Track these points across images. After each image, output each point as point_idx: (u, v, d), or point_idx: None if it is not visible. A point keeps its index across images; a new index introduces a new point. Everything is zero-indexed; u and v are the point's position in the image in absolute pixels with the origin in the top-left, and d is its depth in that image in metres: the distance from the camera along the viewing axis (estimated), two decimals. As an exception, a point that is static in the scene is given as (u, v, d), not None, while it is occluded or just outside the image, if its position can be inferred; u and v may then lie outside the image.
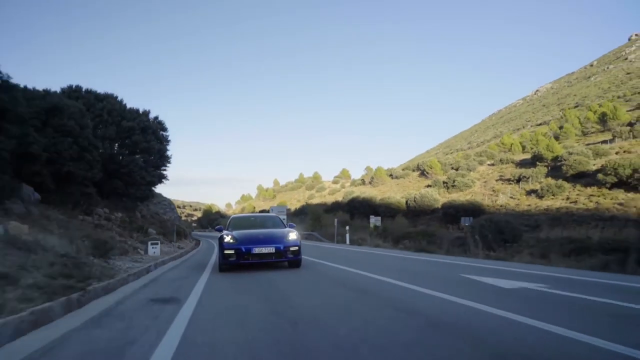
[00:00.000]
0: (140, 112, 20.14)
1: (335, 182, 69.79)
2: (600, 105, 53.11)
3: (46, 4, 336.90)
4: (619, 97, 71.25)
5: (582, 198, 27.23)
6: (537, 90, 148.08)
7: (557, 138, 47.89)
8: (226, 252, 7.66)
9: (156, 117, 21.41)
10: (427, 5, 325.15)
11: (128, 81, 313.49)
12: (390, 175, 53.99)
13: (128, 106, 19.78)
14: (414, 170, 52.02)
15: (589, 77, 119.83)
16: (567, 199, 28.08)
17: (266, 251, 7.62)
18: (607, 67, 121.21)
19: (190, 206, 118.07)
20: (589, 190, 28.00)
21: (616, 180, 26.26)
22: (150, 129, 19.76)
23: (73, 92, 17.94)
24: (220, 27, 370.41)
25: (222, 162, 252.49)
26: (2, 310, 2.94)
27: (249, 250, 7.59)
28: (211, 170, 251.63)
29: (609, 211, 23.44)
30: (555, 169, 33.30)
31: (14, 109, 8.84)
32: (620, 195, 25.38)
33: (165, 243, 16.55)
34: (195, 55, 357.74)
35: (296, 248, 7.92)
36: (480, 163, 44.54)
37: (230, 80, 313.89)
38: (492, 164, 43.59)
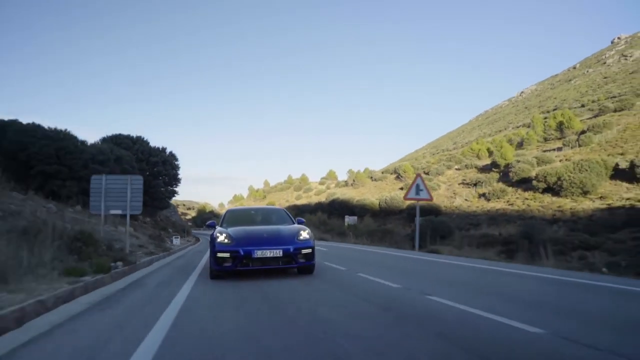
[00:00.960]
0: (161, 149, 28.45)
1: (321, 183, 75.78)
2: (562, 115, 59.23)
3: (46, 3, 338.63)
4: (593, 102, 76.18)
5: (519, 201, 33.31)
6: (522, 92, 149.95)
7: (521, 144, 54.15)
8: (219, 255, 6.54)
9: (171, 152, 31.13)
10: (423, 5, 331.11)
11: (128, 81, 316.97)
12: (371, 177, 60.05)
13: (152, 144, 28.15)
14: (391, 174, 58.10)
15: (570, 80, 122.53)
16: (507, 201, 34.18)
17: (271, 255, 6.52)
18: (587, 71, 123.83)
19: (184, 205, 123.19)
20: (526, 194, 34.06)
21: (545, 186, 32.36)
22: (167, 162, 28.44)
23: (117, 139, 25.51)
24: (220, 27, 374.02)
25: (216, 161, 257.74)
26: (154, 253, 8.85)
27: (249, 254, 6.46)
28: (204, 169, 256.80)
29: (531, 212, 29.55)
30: (505, 175, 39.40)
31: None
32: (547, 199, 31.46)
33: (179, 238, 22.74)
34: (193, 55, 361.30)
35: (309, 251, 6.84)
36: (449, 168, 50.59)
37: (229, 80, 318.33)
38: (459, 169, 49.65)
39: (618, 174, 30.35)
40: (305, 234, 7.01)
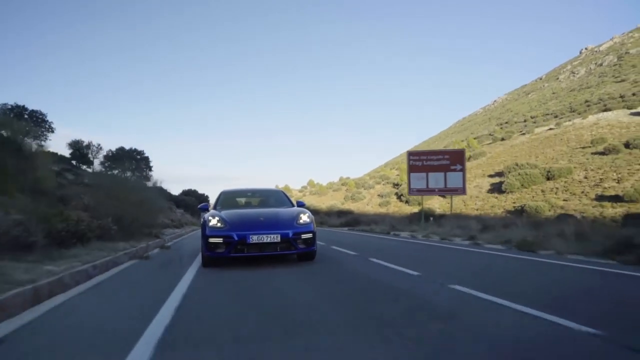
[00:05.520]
0: (203, 194, 57.54)
1: (301, 191, 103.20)
2: (467, 143, 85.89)
3: (45, 3, 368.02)
4: (532, 117, 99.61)
5: (392, 207, 60.99)
6: (495, 100, 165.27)
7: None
8: (211, 240, 6.69)
9: (205, 194, 59.85)
10: (432, 2, 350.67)
11: (127, 81, 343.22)
12: (331, 188, 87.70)
13: (200, 192, 56.66)
14: (343, 185, 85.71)
15: (529, 93, 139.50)
16: (387, 208, 61.83)
17: (268, 240, 6.62)
18: (544, 85, 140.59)
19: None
20: (399, 203, 61.71)
21: (406, 199, 60.06)
22: (203, 197, 56.42)
23: (188, 192, 54.16)
24: (214, 27, 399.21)
25: (208, 161, 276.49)
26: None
27: (244, 239, 6.56)
28: (197, 169, 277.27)
29: (388, 213, 57.24)
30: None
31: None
32: (403, 206, 59.10)
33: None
34: (190, 54, 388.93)
35: (310, 235, 7.02)
36: (378, 183, 78.21)
37: (228, 81, 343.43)
38: (384, 184, 77.20)
39: (442, 192, 57.88)
40: (305, 218, 7.19)
